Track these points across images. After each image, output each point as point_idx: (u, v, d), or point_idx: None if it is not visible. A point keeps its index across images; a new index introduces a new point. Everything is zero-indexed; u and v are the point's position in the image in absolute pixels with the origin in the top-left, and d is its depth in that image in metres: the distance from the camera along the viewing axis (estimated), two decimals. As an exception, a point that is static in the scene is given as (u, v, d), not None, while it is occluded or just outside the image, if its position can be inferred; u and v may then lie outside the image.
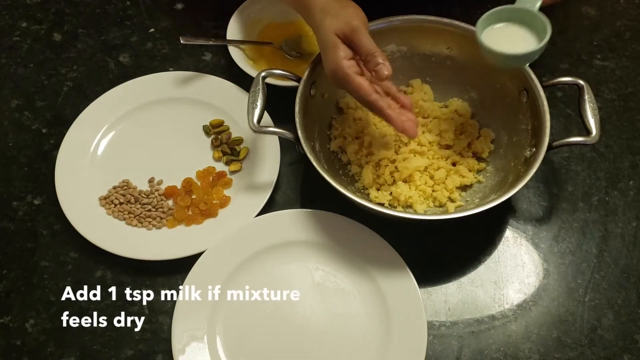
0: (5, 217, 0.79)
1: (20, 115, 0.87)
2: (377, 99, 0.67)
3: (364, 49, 0.67)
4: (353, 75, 0.66)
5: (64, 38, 0.94)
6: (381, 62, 0.66)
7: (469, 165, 0.78)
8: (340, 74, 0.67)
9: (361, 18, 0.68)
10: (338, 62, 0.67)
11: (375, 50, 0.67)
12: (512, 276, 0.75)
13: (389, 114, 0.67)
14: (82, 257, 0.76)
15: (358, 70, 0.68)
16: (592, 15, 0.94)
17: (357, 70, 0.67)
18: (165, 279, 0.74)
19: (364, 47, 0.67)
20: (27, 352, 0.71)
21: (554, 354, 0.70)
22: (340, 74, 0.67)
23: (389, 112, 0.67)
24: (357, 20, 0.67)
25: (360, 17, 0.68)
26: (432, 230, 0.77)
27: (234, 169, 0.80)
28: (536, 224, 0.78)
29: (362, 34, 0.67)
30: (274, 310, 0.71)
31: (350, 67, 0.67)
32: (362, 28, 0.67)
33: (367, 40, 0.67)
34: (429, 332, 0.70)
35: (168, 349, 0.69)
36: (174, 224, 0.77)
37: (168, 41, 0.93)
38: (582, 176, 0.81)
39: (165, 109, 0.85)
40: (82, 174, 0.80)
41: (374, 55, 0.66)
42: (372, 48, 0.67)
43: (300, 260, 0.74)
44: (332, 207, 0.75)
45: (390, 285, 0.71)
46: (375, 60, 0.66)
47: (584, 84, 0.71)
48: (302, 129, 0.71)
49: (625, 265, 0.75)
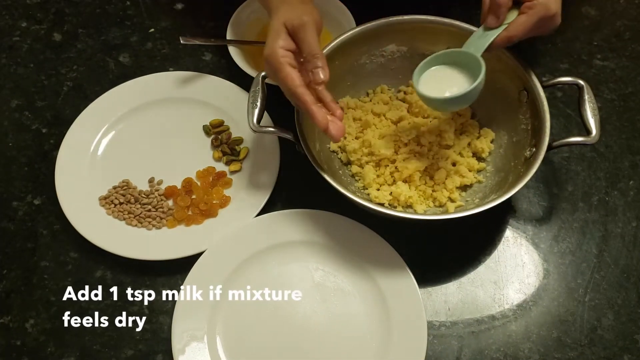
0: (5, 217, 0.79)
1: (20, 115, 0.87)
2: (304, 92, 0.64)
3: (306, 47, 0.65)
4: (284, 64, 0.65)
5: (64, 38, 0.94)
6: (320, 66, 0.65)
7: (469, 165, 0.78)
8: (272, 60, 0.65)
9: (315, 17, 0.67)
10: (273, 49, 0.65)
11: (316, 52, 0.65)
12: (512, 276, 0.75)
13: (313, 109, 0.64)
14: (82, 257, 0.76)
15: (292, 62, 0.66)
16: (592, 15, 0.94)
17: (290, 62, 0.66)
18: (165, 279, 0.74)
19: (307, 46, 0.65)
20: (27, 352, 0.71)
21: (554, 354, 0.70)
22: (273, 60, 0.65)
23: (313, 108, 0.64)
24: (308, 17, 0.66)
25: (314, 16, 0.67)
26: (432, 230, 0.77)
27: (234, 169, 0.80)
28: (536, 224, 0.78)
29: (309, 31, 0.65)
30: (274, 310, 0.71)
31: (284, 57, 0.65)
32: (310, 25, 0.65)
33: (311, 40, 0.65)
34: (429, 332, 0.70)
35: (168, 349, 0.69)
36: (174, 224, 0.77)
37: (168, 41, 0.93)
38: (582, 176, 0.81)
39: (165, 109, 0.85)
40: (82, 174, 0.80)
41: (314, 56, 0.65)
42: (315, 49, 0.65)
43: (300, 260, 0.74)
44: (332, 207, 0.75)
45: (390, 285, 0.71)
46: (315, 63, 0.65)
47: (584, 84, 0.71)
48: (302, 129, 0.71)
49: (625, 265, 0.75)
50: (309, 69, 0.66)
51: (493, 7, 0.68)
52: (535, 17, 0.66)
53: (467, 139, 0.80)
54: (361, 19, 0.81)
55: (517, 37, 0.67)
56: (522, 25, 0.67)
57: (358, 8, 0.85)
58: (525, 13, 0.67)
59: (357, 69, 0.82)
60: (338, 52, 0.77)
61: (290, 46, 0.66)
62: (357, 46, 0.80)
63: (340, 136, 0.66)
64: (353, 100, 0.83)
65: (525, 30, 0.67)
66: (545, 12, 0.66)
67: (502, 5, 0.67)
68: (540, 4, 0.66)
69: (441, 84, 0.69)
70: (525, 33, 0.67)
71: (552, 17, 0.67)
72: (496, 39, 0.68)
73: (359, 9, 0.85)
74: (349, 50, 0.79)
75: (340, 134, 0.66)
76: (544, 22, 0.67)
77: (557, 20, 0.68)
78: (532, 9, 0.66)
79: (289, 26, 0.66)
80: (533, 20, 0.66)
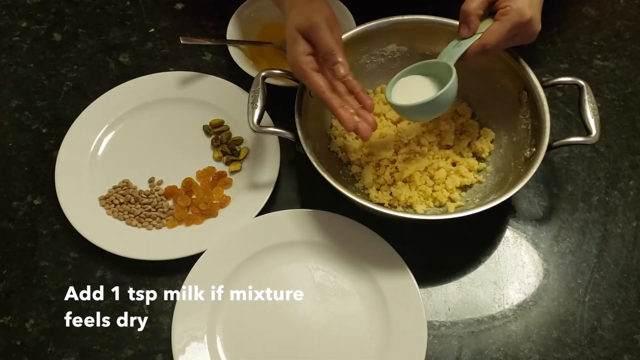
0: (5, 217, 0.79)
1: (20, 115, 0.87)
2: (330, 97, 0.66)
3: (322, 46, 0.66)
4: (309, 71, 0.66)
5: (64, 38, 0.94)
6: (338, 61, 0.66)
7: (469, 165, 0.78)
8: (297, 69, 0.67)
9: (324, 14, 0.67)
10: (296, 57, 0.67)
11: (332, 49, 0.66)
12: (512, 276, 0.75)
13: (340, 112, 0.66)
14: (82, 257, 0.76)
15: (315, 66, 0.67)
16: (592, 15, 0.94)
17: (314, 66, 0.67)
18: (165, 279, 0.74)
19: (322, 45, 0.66)
20: (27, 352, 0.71)
21: (554, 354, 0.70)
22: (297, 69, 0.67)
23: (340, 111, 0.66)
24: (318, 16, 0.66)
25: (323, 12, 0.67)
26: (432, 230, 0.77)
27: (234, 169, 0.80)
28: (536, 224, 0.78)
29: (321, 30, 0.66)
30: (274, 310, 0.71)
31: (307, 63, 0.67)
32: (321, 24, 0.66)
33: (325, 38, 0.66)
34: (429, 332, 0.70)
35: (168, 349, 0.69)
36: (174, 224, 0.77)
37: (168, 41, 0.93)
38: (582, 176, 0.81)
39: (165, 109, 0.85)
40: (82, 174, 0.80)
41: (332, 53, 0.66)
42: (330, 47, 0.66)
43: (300, 260, 0.74)
44: (332, 207, 0.75)
45: (390, 285, 0.71)
46: (333, 59, 0.66)
47: (584, 84, 0.71)
48: (302, 129, 0.71)
49: (625, 265, 0.75)
50: (328, 66, 0.67)
51: (462, 17, 0.68)
52: (508, 23, 0.65)
53: (467, 139, 0.80)
54: (361, 19, 0.81)
55: (490, 44, 0.66)
56: (495, 32, 0.66)
57: (358, 8, 0.85)
58: (498, 20, 0.66)
59: (357, 69, 0.82)
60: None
61: (309, 50, 0.67)
62: (357, 46, 0.80)
63: (370, 134, 0.67)
64: (353, 100, 0.83)
65: (500, 37, 0.66)
66: (519, 18, 0.65)
67: (470, 13, 0.67)
68: (513, 10, 0.65)
69: (413, 93, 0.69)
70: (500, 40, 0.66)
71: (527, 23, 0.66)
72: (470, 48, 0.68)
73: (359, 9, 0.85)
74: (349, 50, 0.79)
75: (369, 133, 0.67)
76: (520, 28, 0.66)
77: (534, 26, 0.66)
78: (505, 16, 0.66)
79: (301, 30, 0.67)
80: (506, 26, 0.65)
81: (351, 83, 0.68)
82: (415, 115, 0.71)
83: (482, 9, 0.67)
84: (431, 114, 0.72)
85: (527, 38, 0.68)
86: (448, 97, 0.67)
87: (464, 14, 0.68)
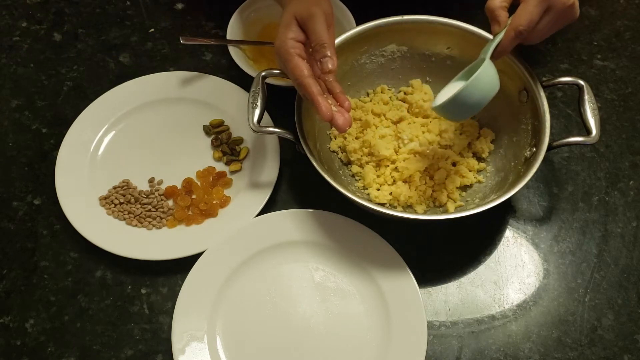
0: (5, 217, 0.79)
1: (20, 115, 0.87)
2: (311, 83, 0.65)
3: (315, 37, 0.66)
4: (293, 55, 0.66)
5: (64, 38, 0.94)
6: (328, 55, 0.65)
7: (469, 165, 0.78)
8: (282, 51, 0.66)
9: (324, 8, 0.67)
10: (284, 40, 0.66)
11: (325, 42, 0.66)
12: (512, 276, 0.75)
13: (318, 100, 0.64)
14: (82, 257, 0.76)
15: (302, 53, 0.67)
16: (592, 15, 0.94)
17: (300, 53, 0.66)
18: (165, 279, 0.74)
19: (315, 36, 0.66)
20: (27, 352, 0.71)
21: (554, 354, 0.70)
22: (282, 51, 0.66)
23: (318, 98, 0.64)
24: (317, 8, 0.66)
25: (324, 7, 0.67)
26: (432, 230, 0.77)
27: (234, 169, 0.80)
28: (536, 224, 0.78)
29: (317, 22, 0.66)
30: (274, 310, 0.71)
31: (293, 47, 0.66)
32: (318, 16, 0.66)
33: (320, 29, 0.66)
34: (429, 332, 0.70)
35: (168, 349, 0.69)
36: (174, 224, 0.77)
37: (168, 41, 0.93)
38: (582, 176, 0.81)
39: (165, 109, 0.85)
40: (82, 174, 0.80)
41: (322, 45, 0.66)
42: (323, 39, 0.66)
43: (300, 260, 0.74)
44: (332, 207, 0.75)
45: (390, 285, 0.71)
46: (323, 52, 0.66)
47: (584, 84, 0.71)
48: (302, 129, 0.71)
49: (625, 265, 0.75)
50: (317, 58, 0.66)
51: (489, 14, 0.67)
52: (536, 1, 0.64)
53: (467, 139, 0.80)
54: (361, 19, 0.81)
55: (522, 24, 0.64)
56: (521, 12, 0.64)
57: (358, 8, 0.85)
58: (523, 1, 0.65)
59: (357, 69, 0.82)
60: (338, 52, 0.76)
61: (301, 37, 0.67)
62: (357, 46, 0.80)
63: (347, 126, 0.66)
64: (353, 100, 0.83)
65: (529, 15, 0.64)
66: None
67: (496, 8, 0.66)
68: None
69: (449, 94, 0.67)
70: (531, 19, 0.64)
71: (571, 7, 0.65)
72: (503, 38, 0.67)
73: (359, 9, 0.85)
74: (349, 50, 0.79)
75: (347, 124, 0.66)
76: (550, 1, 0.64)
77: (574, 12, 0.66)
78: None
79: (298, 18, 0.67)
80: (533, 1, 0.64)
81: (332, 84, 0.68)
82: (448, 113, 0.69)
83: (507, 1, 0.67)
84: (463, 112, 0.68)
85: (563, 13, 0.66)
86: (479, 88, 0.64)
87: (489, 10, 0.67)
